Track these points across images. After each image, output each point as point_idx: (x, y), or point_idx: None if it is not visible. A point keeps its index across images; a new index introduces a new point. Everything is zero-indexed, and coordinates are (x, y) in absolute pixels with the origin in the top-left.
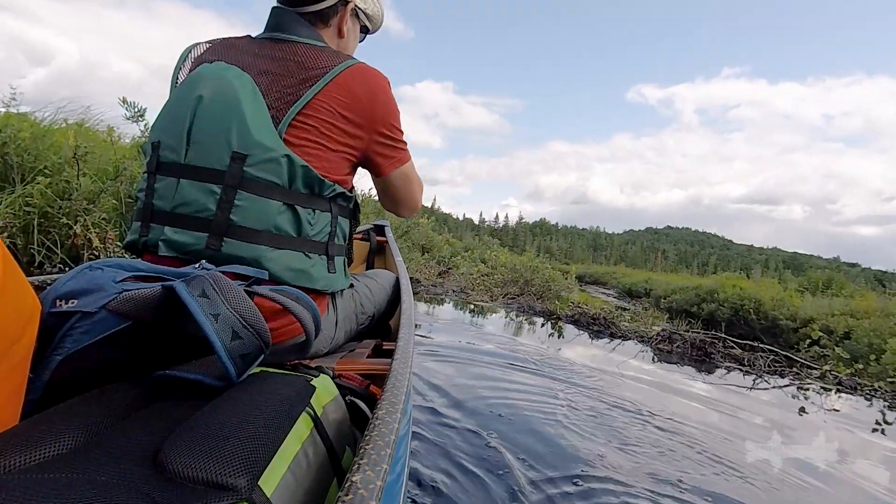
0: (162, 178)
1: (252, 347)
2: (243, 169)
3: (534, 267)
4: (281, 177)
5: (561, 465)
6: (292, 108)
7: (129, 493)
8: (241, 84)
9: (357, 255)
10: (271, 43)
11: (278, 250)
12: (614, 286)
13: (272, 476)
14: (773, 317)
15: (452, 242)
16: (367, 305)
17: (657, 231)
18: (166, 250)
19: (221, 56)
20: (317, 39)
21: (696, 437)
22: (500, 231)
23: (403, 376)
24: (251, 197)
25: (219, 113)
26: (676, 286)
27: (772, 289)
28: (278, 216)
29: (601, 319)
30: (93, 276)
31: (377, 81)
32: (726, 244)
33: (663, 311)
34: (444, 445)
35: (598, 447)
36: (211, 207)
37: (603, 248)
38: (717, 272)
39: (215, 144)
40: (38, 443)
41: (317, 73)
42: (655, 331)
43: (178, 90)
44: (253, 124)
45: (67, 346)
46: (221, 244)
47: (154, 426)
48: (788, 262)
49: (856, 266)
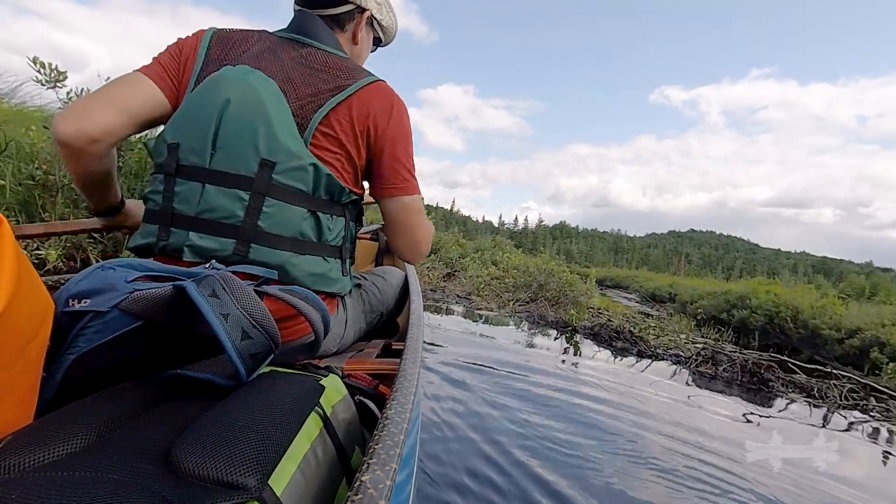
0: (184, 182)
1: (262, 347)
2: (272, 176)
3: (549, 270)
4: (307, 184)
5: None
6: (316, 116)
7: (140, 492)
8: (267, 90)
9: (366, 255)
10: (294, 46)
11: (302, 256)
12: (636, 290)
13: (282, 475)
14: (813, 326)
15: (462, 243)
16: (376, 304)
17: (680, 234)
18: (191, 255)
19: (245, 55)
20: (338, 48)
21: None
22: (520, 234)
23: (412, 376)
24: (278, 204)
25: (246, 118)
26: (703, 291)
27: (808, 295)
28: (303, 222)
29: (626, 333)
30: (105, 276)
31: (396, 103)
32: (752, 248)
33: (690, 318)
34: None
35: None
36: (239, 214)
37: (624, 252)
38: (744, 276)
39: (243, 150)
40: (52, 441)
41: (340, 85)
42: (693, 348)
43: (200, 92)
44: (280, 131)
45: (80, 345)
46: (249, 250)
47: (165, 425)
48: (818, 266)
49: (889, 271)
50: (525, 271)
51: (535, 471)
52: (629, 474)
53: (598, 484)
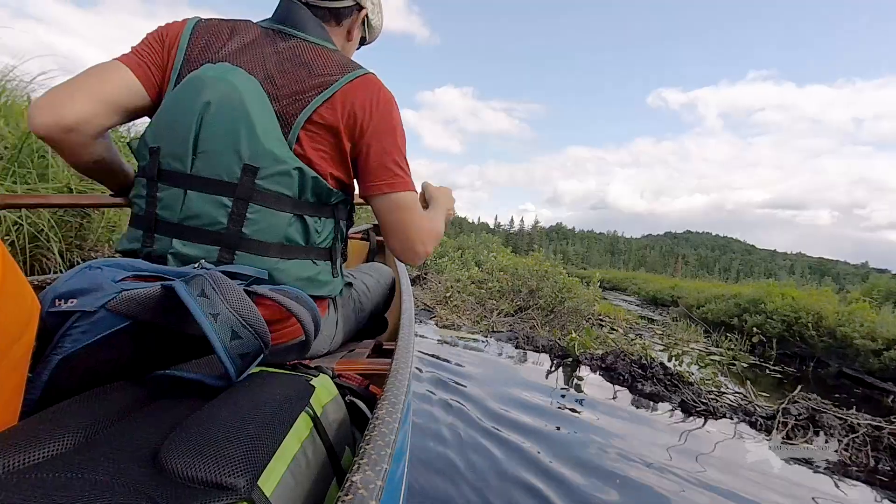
0: (165, 188)
1: (251, 347)
2: (255, 181)
3: (542, 272)
4: (292, 188)
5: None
6: (300, 116)
7: (128, 493)
8: (249, 90)
9: (357, 255)
10: (278, 37)
11: (289, 261)
12: (635, 293)
13: (271, 476)
14: (842, 334)
15: (442, 240)
16: (366, 303)
17: (676, 235)
18: (175, 263)
19: (225, 49)
20: (326, 40)
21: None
22: (515, 235)
23: (404, 376)
24: (263, 210)
25: (227, 122)
26: (710, 294)
27: (826, 298)
28: (289, 227)
29: (656, 369)
30: (92, 276)
31: (383, 95)
32: (748, 249)
33: (698, 324)
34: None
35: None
36: (222, 221)
37: (621, 253)
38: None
39: (225, 155)
40: (38, 442)
41: (325, 81)
42: (767, 403)
43: (179, 93)
44: (263, 134)
45: (67, 345)
46: (234, 257)
47: (153, 426)
48: (815, 267)
49: (885, 272)
50: (513, 274)
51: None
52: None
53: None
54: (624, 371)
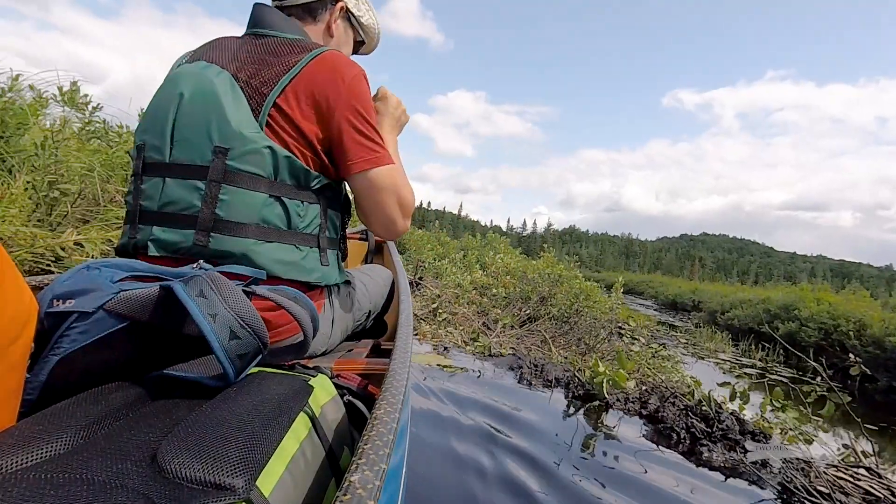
0: (148, 179)
1: (250, 347)
2: (226, 162)
3: (555, 276)
4: (265, 168)
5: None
6: (268, 99)
7: (126, 493)
8: (220, 80)
9: (356, 255)
10: (252, 39)
11: (267, 243)
12: (652, 296)
13: (270, 476)
14: (893, 346)
15: (445, 241)
16: (364, 302)
17: (692, 238)
18: (156, 250)
19: (202, 57)
20: (297, 32)
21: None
22: (528, 238)
23: (402, 376)
24: (236, 190)
25: (200, 110)
26: (735, 299)
27: (865, 303)
28: (264, 208)
29: (729, 426)
30: (90, 276)
31: (348, 69)
32: (767, 251)
33: (723, 331)
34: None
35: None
36: (196, 204)
37: (636, 256)
38: (760, 281)
39: (197, 140)
40: (36, 443)
41: (290, 62)
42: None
43: (160, 91)
44: (232, 117)
45: (65, 346)
46: (209, 240)
47: (152, 426)
48: (836, 269)
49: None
50: (522, 277)
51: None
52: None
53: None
54: (676, 423)
